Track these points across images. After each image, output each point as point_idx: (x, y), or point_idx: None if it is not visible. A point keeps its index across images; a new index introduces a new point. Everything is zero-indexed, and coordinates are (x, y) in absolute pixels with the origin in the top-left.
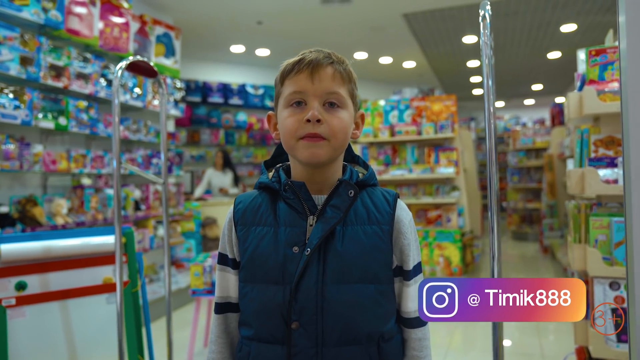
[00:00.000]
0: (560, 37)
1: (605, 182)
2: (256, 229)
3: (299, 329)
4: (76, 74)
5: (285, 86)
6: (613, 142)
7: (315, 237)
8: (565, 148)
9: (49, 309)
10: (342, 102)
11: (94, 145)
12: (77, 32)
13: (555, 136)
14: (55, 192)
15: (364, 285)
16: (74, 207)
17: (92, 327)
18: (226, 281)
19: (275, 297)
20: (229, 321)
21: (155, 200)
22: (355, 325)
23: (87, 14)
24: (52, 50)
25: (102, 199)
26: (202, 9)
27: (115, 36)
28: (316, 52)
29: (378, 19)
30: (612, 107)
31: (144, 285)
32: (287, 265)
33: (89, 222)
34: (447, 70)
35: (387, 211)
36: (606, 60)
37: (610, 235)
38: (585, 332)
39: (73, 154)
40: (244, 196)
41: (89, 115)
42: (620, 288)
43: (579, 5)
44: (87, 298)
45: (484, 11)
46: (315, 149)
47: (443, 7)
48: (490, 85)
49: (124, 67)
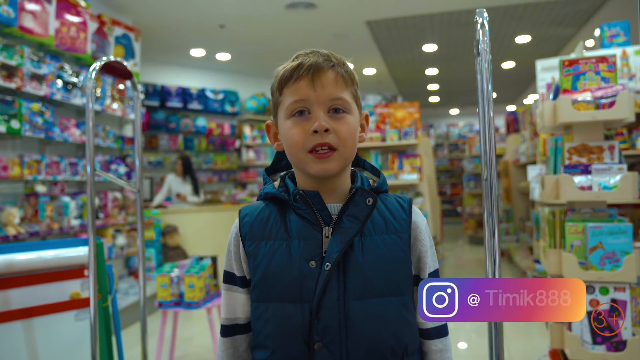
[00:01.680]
0: (515, 47)
1: (580, 188)
2: (266, 243)
3: (322, 349)
4: (30, 75)
5: (285, 95)
6: (586, 149)
7: (335, 250)
8: (521, 155)
9: (10, 329)
10: (347, 107)
11: (48, 150)
12: (31, 30)
13: (511, 143)
14: (6, 201)
15: (388, 299)
16: (27, 216)
17: (60, 346)
18: (234, 301)
19: (294, 317)
20: (237, 344)
21: (113, 208)
22: (381, 341)
23: (41, 11)
24: (4, 49)
25: (57, 207)
26: (163, 11)
27: (72, 36)
28: (313, 54)
29: (342, 26)
30: (585, 115)
31: (115, 298)
32: (305, 281)
33: (44, 232)
34: (406, 78)
35: (404, 218)
36: (578, 70)
37: (585, 241)
38: (561, 335)
39: (26, 159)
40: (250, 208)
41: (43, 118)
42: (595, 292)
43: (534, 17)
44: (54, 315)
45: (482, 18)
46: (326, 163)
47: (406, 16)
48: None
49: (99, 68)
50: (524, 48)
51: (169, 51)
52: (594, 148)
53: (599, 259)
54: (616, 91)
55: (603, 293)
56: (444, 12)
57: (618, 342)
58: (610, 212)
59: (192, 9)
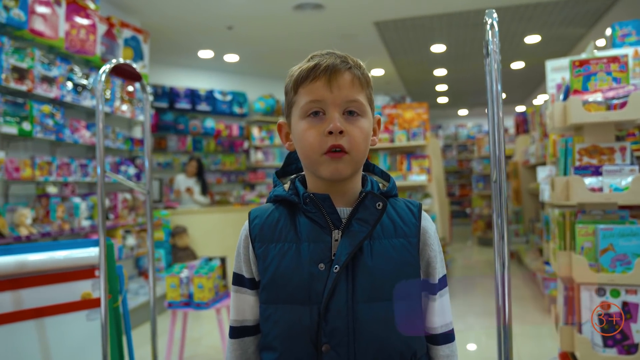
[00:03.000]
0: (525, 47)
1: (591, 190)
2: (276, 245)
3: (330, 351)
4: (41, 77)
5: (300, 95)
6: (597, 151)
7: (344, 253)
8: (531, 156)
9: (23, 329)
10: (362, 110)
11: (59, 151)
12: (42, 33)
13: (520, 144)
14: (18, 202)
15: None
16: (39, 217)
17: (71, 346)
18: (243, 303)
19: (303, 319)
20: (246, 346)
21: (123, 209)
22: (389, 345)
23: (51, 14)
24: (15, 52)
25: (68, 208)
26: (171, 12)
27: (81, 38)
28: (330, 55)
29: (350, 26)
30: (596, 116)
31: (125, 299)
32: (314, 284)
33: (55, 232)
34: (415, 79)
35: (413, 223)
36: (589, 71)
37: (595, 242)
38: (571, 338)
39: (38, 161)
40: (259, 210)
41: (54, 120)
42: (606, 294)
43: (544, 17)
44: (65, 315)
45: (491, 19)
46: (338, 164)
47: (414, 16)
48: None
49: (108, 71)
50: (534, 48)
51: (177, 53)
52: (605, 149)
53: (610, 261)
54: (628, 92)
55: (614, 296)
56: (452, 12)
57: (630, 345)
58: (621, 214)
59: (200, 10)
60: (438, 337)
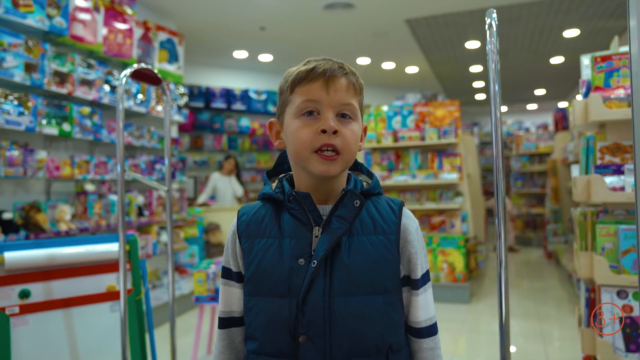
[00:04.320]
0: (563, 42)
1: (612, 189)
2: (260, 241)
3: (307, 342)
4: (80, 80)
5: (296, 94)
6: (619, 149)
7: (322, 249)
8: (569, 153)
9: (52, 317)
10: (354, 113)
11: (97, 151)
12: (81, 38)
13: (559, 141)
14: (59, 198)
15: (372, 296)
16: (78, 213)
17: (96, 335)
18: (230, 295)
19: (282, 311)
20: (233, 336)
21: (158, 206)
22: (364, 338)
23: (91, 20)
24: (56, 57)
25: (105, 204)
26: (205, 15)
27: (119, 42)
28: (326, 61)
29: (381, 24)
30: (618, 114)
31: (148, 292)
32: (293, 277)
33: (93, 228)
34: (450, 76)
35: (393, 220)
36: (612, 67)
37: (617, 243)
38: (592, 341)
39: (77, 160)
40: (248, 207)
41: (92, 121)
42: (629, 297)
43: (582, 10)
44: (91, 306)
45: (490, 19)
46: (329, 165)
47: (445, 13)
48: (497, 91)
49: (128, 75)
50: (573, 42)
51: (212, 54)
52: (628, 147)
53: (632, 262)
54: None
55: (636, 298)
56: (484, 8)
57: None
58: None
59: (233, 13)
60: (422, 331)
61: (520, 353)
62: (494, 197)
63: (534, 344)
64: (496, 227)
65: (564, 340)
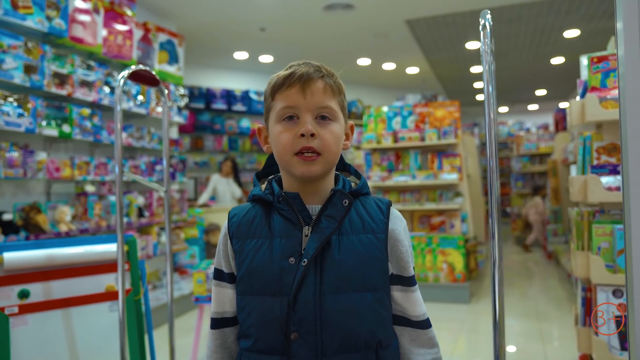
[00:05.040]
0: (564, 42)
1: (608, 189)
2: (251, 241)
3: (298, 339)
4: (80, 82)
5: (277, 100)
6: (615, 149)
7: (312, 248)
8: (569, 154)
9: (51, 317)
10: (334, 115)
11: (97, 152)
12: (81, 40)
13: (559, 142)
14: (59, 200)
15: (362, 293)
16: (78, 214)
17: (95, 335)
18: (222, 296)
19: (273, 309)
20: (226, 336)
21: (158, 207)
22: (354, 334)
23: (90, 21)
24: (56, 58)
25: (105, 205)
26: (205, 16)
27: (118, 44)
28: (305, 65)
29: (381, 25)
30: (614, 114)
31: (147, 293)
32: (284, 276)
33: (93, 229)
34: (450, 76)
35: (381, 220)
36: (608, 67)
37: (613, 243)
38: (588, 340)
39: (77, 161)
40: (238, 209)
41: (92, 122)
42: (624, 296)
43: (582, 11)
44: (90, 306)
45: (484, 20)
46: (310, 166)
47: (446, 14)
48: (490, 92)
49: (127, 76)
50: (573, 43)
51: (212, 55)
52: None
53: None
54: None
55: None
56: (484, 8)
57: None
58: None
59: (233, 14)
60: (422, 323)
61: (520, 352)
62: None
63: (533, 343)
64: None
65: (563, 340)
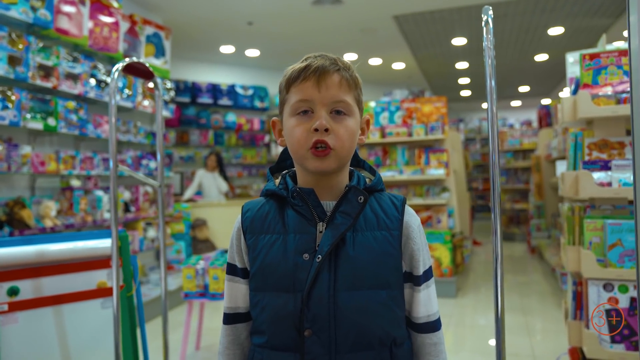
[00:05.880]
0: (548, 39)
1: (600, 184)
2: (265, 237)
3: (312, 336)
4: (65, 74)
5: (291, 93)
6: (607, 145)
7: (326, 244)
8: (553, 150)
9: (42, 315)
10: (349, 109)
11: (83, 146)
12: (67, 31)
13: (543, 138)
14: (44, 194)
15: (376, 291)
16: (63, 209)
17: (87, 332)
18: (235, 291)
19: (287, 305)
20: (238, 332)
21: (145, 202)
22: (368, 331)
23: (76, 13)
24: (41, 50)
25: (91, 200)
26: (193, 9)
27: (104, 36)
28: (322, 58)
29: (368, 20)
30: (605, 111)
31: (139, 288)
32: (298, 272)
33: (79, 224)
34: (436, 72)
35: (395, 216)
36: (600, 64)
37: (604, 238)
38: (579, 333)
39: (62, 155)
40: (252, 204)
41: (78, 115)
42: (614, 289)
43: (567, 8)
44: (82, 303)
45: (487, 16)
46: (323, 161)
47: (433, 9)
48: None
49: (121, 69)
50: (557, 40)
51: (199, 48)
52: (615, 144)
53: (618, 256)
54: None
55: (622, 291)
56: (471, 5)
57: (637, 341)
58: (631, 209)
59: (220, 7)
60: (423, 326)
61: (507, 346)
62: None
63: (519, 336)
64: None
65: (549, 333)
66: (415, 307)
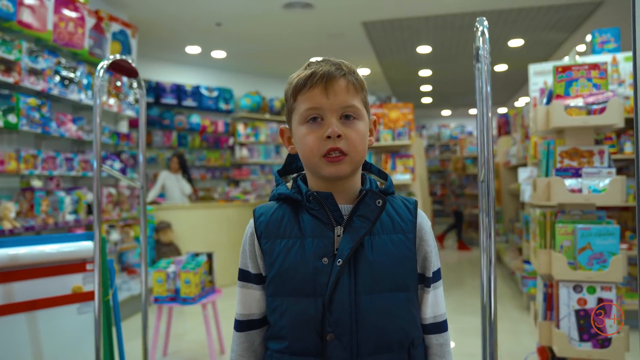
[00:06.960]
0: (508, 51)
1: (571, 191)
2: (282, 241)
3: (334, 340)
4: (28, 69)
5: (299, 102)
6: (577, 153)
7: (346, 248)
8: (512, 157)
9: (15, 322)
10: (358, 113)
11: (45, 145)
12: (29, 25)
13: (502, 145)
14: (2, 195)
15: (395, 294)
16: (23, 210)
17: (63, 339)
18: (249, 298)
19: (308, 310)
20: (252, 339)
21: (108, 204)
22: (388, 334)
23: (40, 6)
24: (2, 43)
25: (53, 202)
26: (160, 7)
27: (70, 31)
28: (326, 63)
29: (338, 26)
30: (577, 121)
31: (116, 292)
32: (318, 277)
33: (39, 226)
34: (400, 79)
35: (409, 219)
36: (571, 77)
37: (574, 241)
38: (549, 333)
39: (23, 154)
40: (264, 208)
41: (40, 113)
42: (583, 291)
43: (527, 22)
44: (57, 309)
45: (482, 26)
46: (338, 166)
47: (401, 17)
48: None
49: (106, 67)
50: (517, 52)
51: (164, 48)
52: (585, 152)
53: (587, 259)
54: (607, 97)
55: (590, 292)
56: (439, 14)
57: (603, 339)
58: (598, 214)
59: (189, 5)
60: (430, 327)
61: (469, 347)
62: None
63: (476, 338)
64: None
65: (514, 334)
66: (423, 307)
